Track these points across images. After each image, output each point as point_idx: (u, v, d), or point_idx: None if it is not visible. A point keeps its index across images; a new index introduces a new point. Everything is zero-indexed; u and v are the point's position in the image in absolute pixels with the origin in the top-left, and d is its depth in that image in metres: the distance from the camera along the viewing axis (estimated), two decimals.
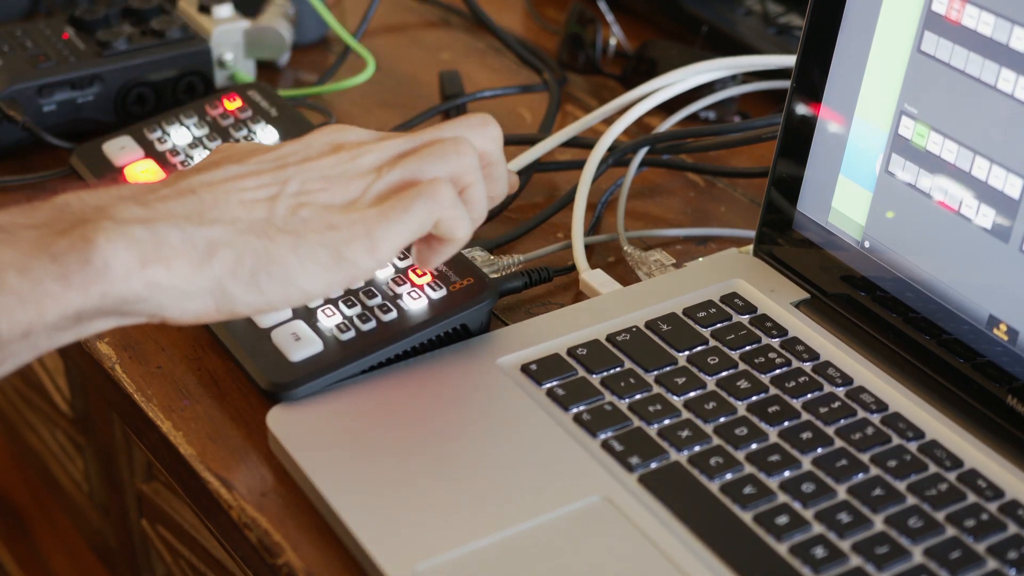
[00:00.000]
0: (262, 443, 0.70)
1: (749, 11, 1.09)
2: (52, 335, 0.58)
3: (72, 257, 0.57)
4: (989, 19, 0.66)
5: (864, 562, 0.61)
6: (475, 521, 0.63)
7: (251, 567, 0.67)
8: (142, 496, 1.08)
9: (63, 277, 0.57)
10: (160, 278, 0.59)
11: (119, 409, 0.76)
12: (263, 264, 0.61)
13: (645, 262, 0.82)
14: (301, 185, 0.64)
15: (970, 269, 0.68)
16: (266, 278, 0.61)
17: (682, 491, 0.64)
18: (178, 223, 0.60)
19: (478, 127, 0.68)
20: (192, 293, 0.60)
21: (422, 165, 0.65)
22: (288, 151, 0.66)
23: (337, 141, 0.67)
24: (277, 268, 0.61)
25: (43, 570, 1.50)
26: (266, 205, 0.62)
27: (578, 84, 1.07)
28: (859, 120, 0.73)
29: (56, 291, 0.57)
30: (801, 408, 0.69)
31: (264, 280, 0.61)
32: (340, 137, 0.67)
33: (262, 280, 0.61)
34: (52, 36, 0.97)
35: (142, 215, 0.60)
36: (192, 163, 0.88)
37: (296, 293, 0.62)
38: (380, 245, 0.63)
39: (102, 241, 0.57)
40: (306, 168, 0.65)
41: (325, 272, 0.62)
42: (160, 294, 0.59)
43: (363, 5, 1.10)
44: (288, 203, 0.63)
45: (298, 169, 0.64)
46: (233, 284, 0.60)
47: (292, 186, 0.63)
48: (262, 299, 0.62)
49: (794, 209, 0.77)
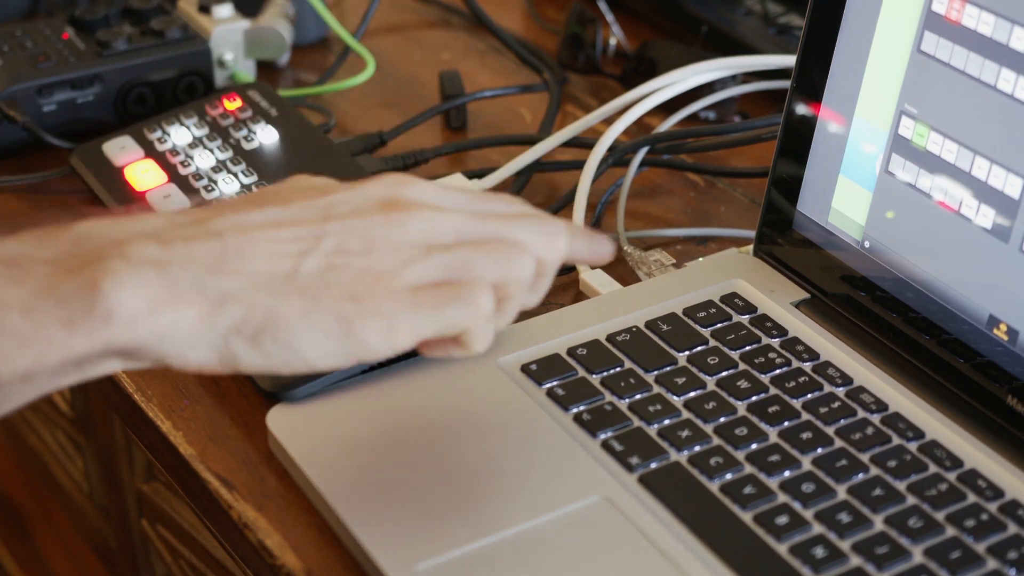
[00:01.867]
0: (262, 443, 0.70)
1: (749, 11, 1.09)
2: (54, 379, 0.55)
3: (78, 302, 0.54)
4: (989, 19, 0.66)
5: (864, 562, 0.61)
6: (475, 521, 0.63)
7: (251, 567, 0.67)
8: (142, 496, 1.08)
9: (68, 322, 0.54)
10: (166, 327, 0.55)
11: (119, 409, 0.76)
12: (269, 326, 0.57)
13: (645, 262, 0.82)
14: (340, 244, 0.58)
15: (970, 269, 0.68)
16: (270, 341, 0.57)
17: (682, 491, 0.64)
18: (194, 270, 0.56)
19: (550, 236, 0.62)
20: (197, 344, 0.56)
21: (476, 264, 0.59)
22: (338, 200, 0.60)
23: (393, 197, 0.60)
24: (283, 333, 0.57)
25: (43, 570, 1.50)
26: (294, 260, 0.57)
27: (578, 84, 1.07)
28: (859, 120, 0.73)
29: (60, 337, 0.54)
30: (801, 408, 0.69)
31: (268, 343, 0.57)
32: (398, 192, 0.60)
33: (265, 342, 0.57)
34: (52, 36, 0.97)
35: (159, 257, 0.56)
36: (192, 164, 0.88)
37: (298, 362, 0.58)
38: (399, 333, 0.58)
39: (108, 287, 0.54)
40: (351, 225, 0.59)
41: (332, 344, 0.57)
42: (165, 343, 0.56)
43: (363, 5, 1.10)
44: (318, 263, 0.58)
45: (342, 225, 0.59)
46: (236, 341, 0.57)
47: (328, 243, 0.58)
48: (264, 361, 0.57)
49: (794, 209, 0.77)
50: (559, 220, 0.63)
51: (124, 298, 0.54)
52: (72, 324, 0.54)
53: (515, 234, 0.61)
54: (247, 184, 0.86)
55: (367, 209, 0.59)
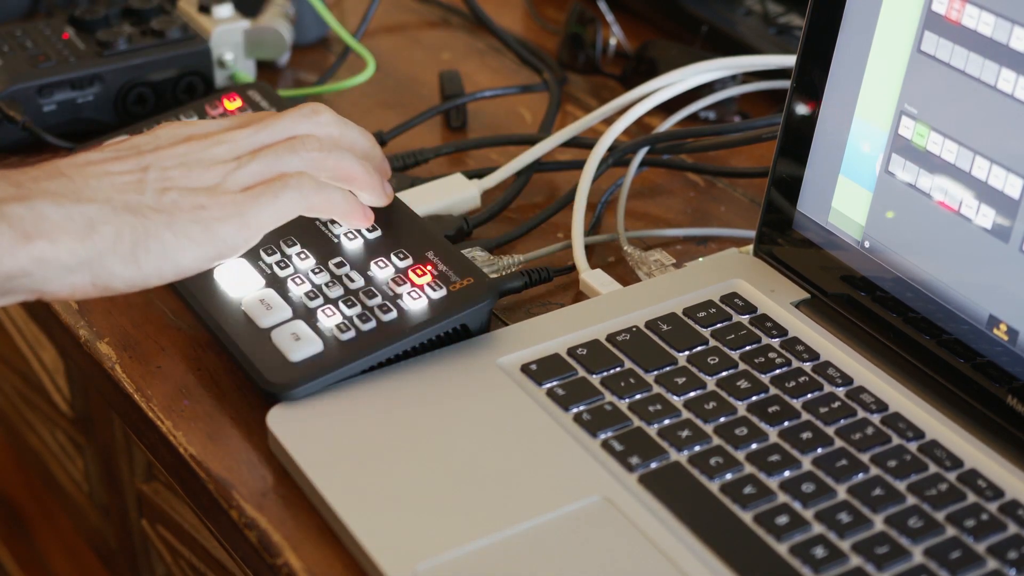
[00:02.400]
0: (262, 443, 0.70)
1: (749, 11, 1.09)
2: None
3: None
4: (989, 19, 0.66)
5: (864, 562, 0.61)
6: (475, 521, 0.63)
7: (251, 567, 0.67)
8: (142, 496, 1.08)
9: None
10: (45, 252, 0.62)
11: (119, 409, 0.76)
12: (141, 240, 0.65)
13: (645, 262, 0.82)
14: (161, 171, 0.68)
15: (970, 269, 0.68)
16: (144, 253, 0.65)
17: (682, 491, 0.64)
18: (55, 199, 0.64)
19: (311, 117, 0.73)
20: (73, 267, 0.63)
21: (279, 159, 0.70)
22: (140, 141, 0.70)
23: (185, 133, 0.71)
24: (155, 244, 0.65)
25: (43, 570, 1.50)
26: (134, 187, 0.66)
27: (578, 84, 1.07)
28: (859, 120, 0.73)
29: None
30: (801, 408, 0.69)
31: (142, 255, 0.65)
32: (186, 130, 0.71)
33: (140, 255, 0.65)
34: (52, 36, 0.97)
35: (16, 193, 0.63)
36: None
37: (171, 268, 0.66)
38: (251, 224, 0.68)
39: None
40: (161, 156, 0.69)
41: (198, 248, 0.66)
42: (44, 268, 0.63)
43: (363, 5, 1.10)
44: (153, 186, 0.67)
45: (154, 156, 0.68)
46: (112, 259, 0.64)
47: (153, 172, 0.67)
48: (139, 274, 0.65)
49: (794, 209, 0.77)
50: (310, 104, 0.74)
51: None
52: None
53: (290, 129, 0.72)
54: None
55: (168, 143, 0.70)
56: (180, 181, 0.68)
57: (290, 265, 0.76)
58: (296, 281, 0.74)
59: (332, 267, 0.75)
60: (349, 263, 0.75)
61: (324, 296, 0.74)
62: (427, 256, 0.75)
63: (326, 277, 0.75)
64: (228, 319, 0.73)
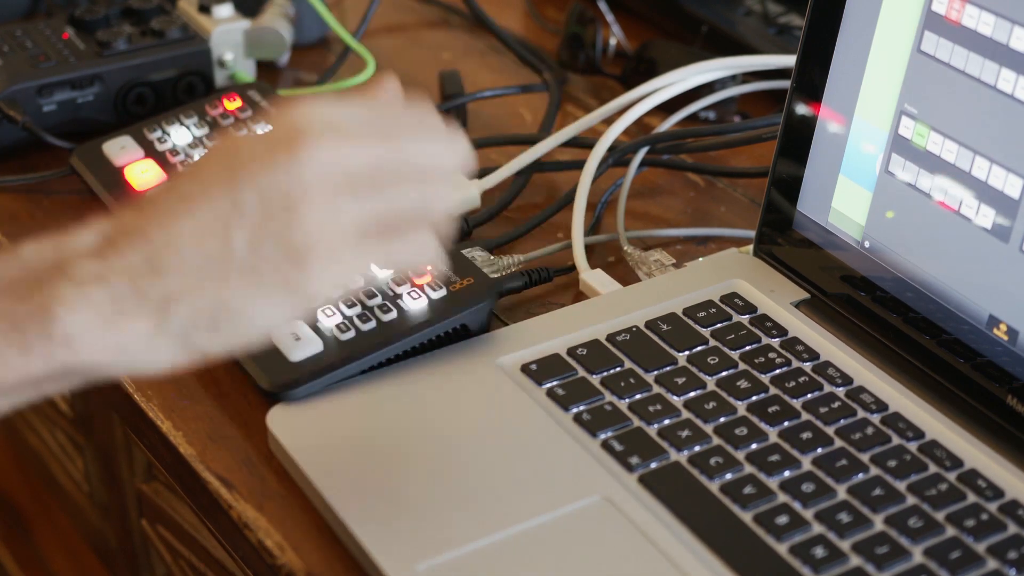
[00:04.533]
0: (262, 443, 0.70)
1: (749, 11, 1.09)
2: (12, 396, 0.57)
3: (33, 328, 0.55)
4: (989, 19, 0.66)
5: (864, 562, 0.61)
6: (475, 521, 0.63)
7: (251, 567, 0.67)
8: (142, 496, 1.07)
9: (25, 347, 0.55)
10: (122, 341, 0.56)
11: (119, 409, 0.76)
12: (221, 312, 0.56)
13: (645, 262, 0.82)
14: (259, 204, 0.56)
15: (970, 269, 0.68)
16: (225, 325, 0.57)
17: (682, 491, 0.64)
18: (132, 278, 0.56)
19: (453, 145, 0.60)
20: (157, 350, 0.57)
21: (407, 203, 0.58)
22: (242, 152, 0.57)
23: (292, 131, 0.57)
24: (236, 315, 0.56)
25: (43, 570, 1.50)
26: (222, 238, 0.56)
27: (578, 84, 1.07)
28: (859, 120, 0.73)
29: (18, 361, 0.55)
30: (801, 408, 0.69)
31: (224, 327, 0.57)
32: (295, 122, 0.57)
33: (222, 327, 0.57)
34: (52, 36, 0.97)
35: (99, 271, 0.56)
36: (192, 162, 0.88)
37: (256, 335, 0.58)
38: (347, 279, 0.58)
39: (61, 312, 0.55)
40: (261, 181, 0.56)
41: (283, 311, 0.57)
42: (126, 356, 0.56)
43: (363, 5, 1.10)
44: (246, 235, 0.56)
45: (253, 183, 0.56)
46: (195, 335, 0.57)
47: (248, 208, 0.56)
48: (226, 343, 0.57)
49: (794, 209, 0.77)
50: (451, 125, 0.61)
51: (77, 320, 0.55)
52: (30, 349, 0.55)
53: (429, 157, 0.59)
54: None
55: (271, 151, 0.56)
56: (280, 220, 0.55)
57: None
58: None
59: None
60: None
61: None
62: None
63: None
64: None
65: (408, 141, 0.59)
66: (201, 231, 0.56)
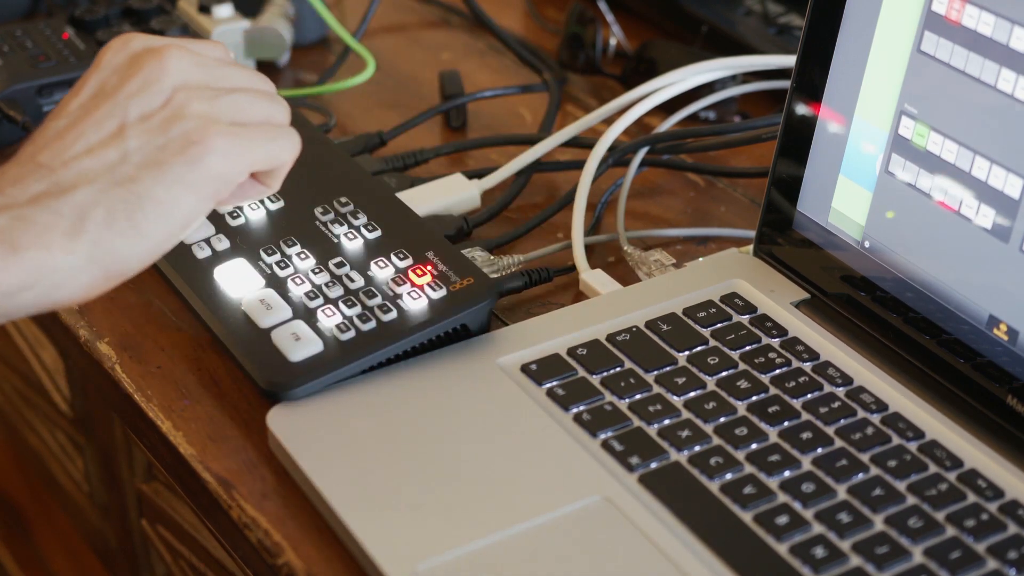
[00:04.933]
0: (262, 443, 0.70)
1: (749, 11, 1.09)
2: None
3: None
4: (989, 19, 0.66)
5: (864, 562, 0.61)
6: (475, 521, 0.63)
7: (251, 567, 0.67)
8: (142, 496, 1.08)
9: None
10: (40, 260, 0.57)
11: (119, 409, 0.76)
12: (135, 204, 0.59)
13: (645, 262, 0.82)
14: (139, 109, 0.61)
15: (970, 269, 0.68)
16: (142, 218, 0.59)
17: (682, 491, 0.64)
18: (39, 201, 0.58)
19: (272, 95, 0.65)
20: (77, 266, 0.58)
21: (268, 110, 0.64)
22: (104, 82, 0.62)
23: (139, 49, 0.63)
24: (150, 204, 0.59)
25: (43, 570, 1.50)
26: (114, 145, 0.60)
27: (578, 84, 1.07)
28: (859, 120, 0.73)
29: None
30: (801, 408, 0.69)
31: (141, 221, 0.59)
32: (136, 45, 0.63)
33: (139, 222, 0.59)
34: (52, 36, 0.97)
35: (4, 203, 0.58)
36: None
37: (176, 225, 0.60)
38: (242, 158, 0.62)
39: None
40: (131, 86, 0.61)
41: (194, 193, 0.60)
42: (45, 277, 0.58)
43: (363, 5, 1.10)
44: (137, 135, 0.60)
45: (125, 90, 0.61)
46: (115, 241, 0.59)
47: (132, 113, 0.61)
48: (146, 242, 0.60)
49: (794, 209, 0.77)
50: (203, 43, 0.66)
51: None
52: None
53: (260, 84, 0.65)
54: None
55: (136, 63, 0.62)
56: (163, 117, 0.61)
57: (290, 265, 0.76)
58: (296, 281, 0.74)
59: (332, 267, 0.75)
60: (349, 263, 0.75)
61: (324, 296, 0.74)
62: (427, 256, 0.75)
63: (326, 277, 0.75)
64: (228, 319, 0.73)
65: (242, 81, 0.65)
66: (94, 146, 0.60)
